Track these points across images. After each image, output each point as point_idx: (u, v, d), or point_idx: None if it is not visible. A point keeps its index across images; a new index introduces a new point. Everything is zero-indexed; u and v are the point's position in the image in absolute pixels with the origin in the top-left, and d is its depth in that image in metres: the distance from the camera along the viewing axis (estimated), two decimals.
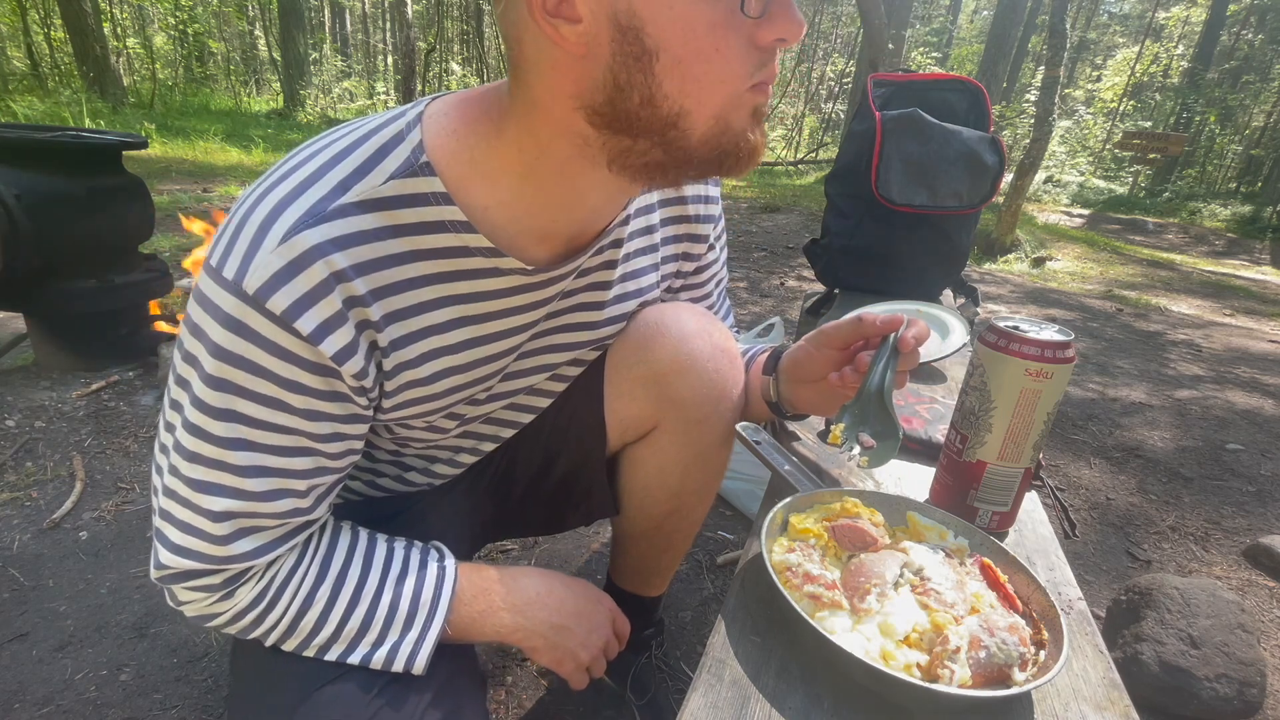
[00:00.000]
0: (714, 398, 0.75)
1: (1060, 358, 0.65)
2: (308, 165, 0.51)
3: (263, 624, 0.57)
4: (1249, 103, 16.56)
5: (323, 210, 0.49)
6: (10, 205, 1.69)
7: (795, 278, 4.15)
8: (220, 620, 0.58)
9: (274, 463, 0.53)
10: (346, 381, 0.53)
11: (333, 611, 0.58)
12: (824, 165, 9.94)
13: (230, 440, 0.51)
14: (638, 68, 0.46)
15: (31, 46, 10.28)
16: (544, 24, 0.46)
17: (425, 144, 0.53)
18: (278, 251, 0.47)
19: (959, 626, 0.52)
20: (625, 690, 1.03)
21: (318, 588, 0.58)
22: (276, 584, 0.57)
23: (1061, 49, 5.31)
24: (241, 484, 0.52)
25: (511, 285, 0.60)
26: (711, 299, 0.88)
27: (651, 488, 0.82)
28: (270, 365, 0.50)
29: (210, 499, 0.52)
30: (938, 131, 1.53)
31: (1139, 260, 6.79)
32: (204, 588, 0.56)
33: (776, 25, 0.48)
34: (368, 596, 0.59)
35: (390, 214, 0.51)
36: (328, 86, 13.54)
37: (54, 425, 1.75)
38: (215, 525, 0.53)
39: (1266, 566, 1.65)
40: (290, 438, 0.53)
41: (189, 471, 0.52)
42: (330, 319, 0.50)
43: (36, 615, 1.18)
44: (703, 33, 0.45)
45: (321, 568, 0.59)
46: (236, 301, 0.47)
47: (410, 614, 0.59)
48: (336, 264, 0.49)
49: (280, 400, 0.51)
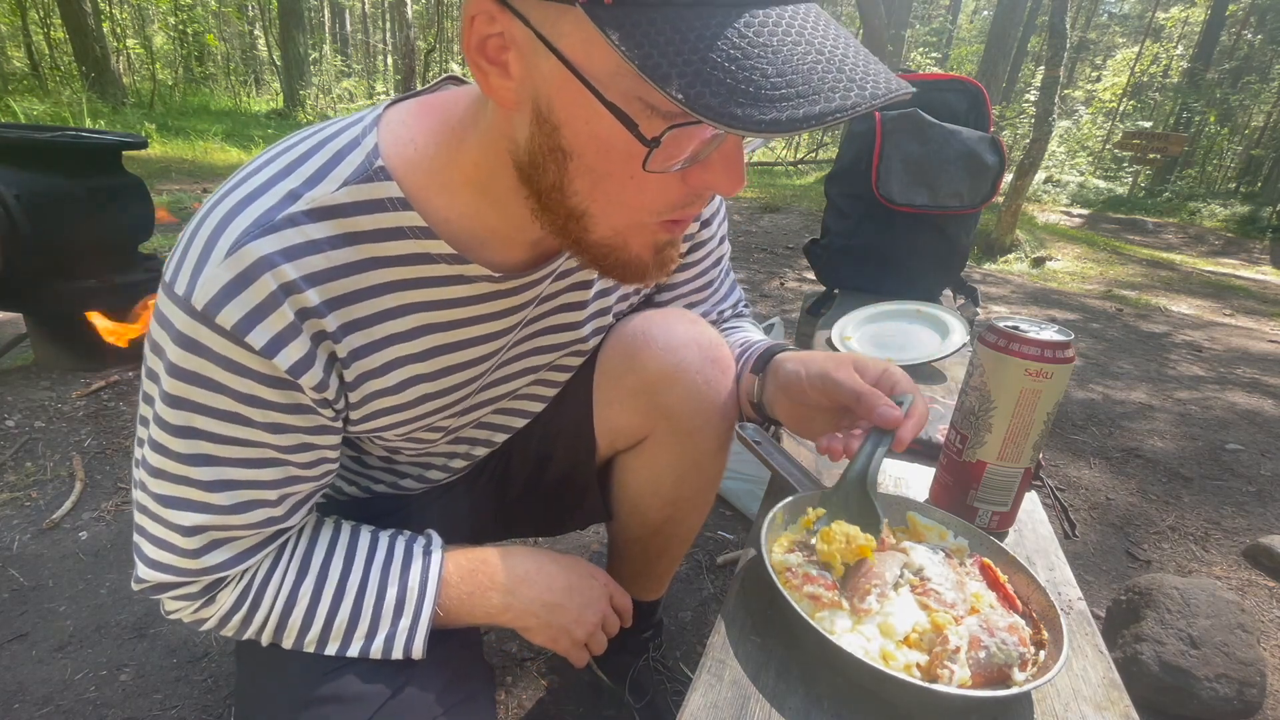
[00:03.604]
0: (704, 408, 0.72)
1: (1060, 358, 0.65)
2: (259, 175, 0.49)
3: (251, 624, 0.57)
4: (1249, 103, 16.56)
5: (270, 220, 0.47)
6: (10, 205, 1.69)
7: (795, 278, 4.15)
8: (210, 624, 0.58)
9: (241, 475, 0.52)
10: (307, 394, 0.52)
11: (319, 607, 0.58)
12: (824, 165, 9.94)
13: (193, 456, 0.51)
14: (552, 159, 0.44)
15: (31, 46, 10.27)
16: (475, 63, 0.43)
17: (381, 149, 0.50)
18: (225, 265, 0.46)
19: (959, 627, 0.52)
20: (624, 692, 1.03)
21: (299, 585, 0.58)
22: (256, 585, 0.57)
23: (1061, 49, 5.31)
24: (209, 498, 0.52)
25: (480, 293, 0.58)
26: (709, 276, 0.85)
27: (645, 495, 0.81)
28: (226, 381, 0.48)
29: (179, 514, 0.52)
30: (938, 131, 1.53)
31: (1139, 260, 6.79)
32: (184, 596, 0.56)
33: (712, 174, 0.44)
34: (353, 589, 0.59)
35: (344, 221, 0.49)
36: (327, 86, 13.54)
37: (54, 425, 1.75)
38: (186, 539, 0.53)
39: (1266, 566, 1.65)
40: (254, 450, 0.52)
41: (156, 488, 0.52)
42: (283, 331, 0.48)
43: (36, 615, 1.18)
44: (618, 159, 0.42)
45: (302, 565, 0.59)
46: (187, 318, 0.46)
47: (399, 601, 0.59)
48: (286, 275, 0.47)
49: (240, 414, 0.50)
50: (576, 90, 0.39)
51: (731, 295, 0.91)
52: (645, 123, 0.39)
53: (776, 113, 0.34)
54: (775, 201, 6.80)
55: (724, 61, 0.34)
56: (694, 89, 0.34)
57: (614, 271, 0.51)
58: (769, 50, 0.35)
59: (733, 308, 0.92)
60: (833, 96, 0.35)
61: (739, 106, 0.34)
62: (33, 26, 10.31)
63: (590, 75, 0.38)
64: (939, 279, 1.70)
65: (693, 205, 0.47)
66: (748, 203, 6.78)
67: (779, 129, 0.33)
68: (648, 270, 0.51)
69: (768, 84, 0.34)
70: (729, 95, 0.34)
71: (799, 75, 0.35)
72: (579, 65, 0.38)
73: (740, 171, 0.44)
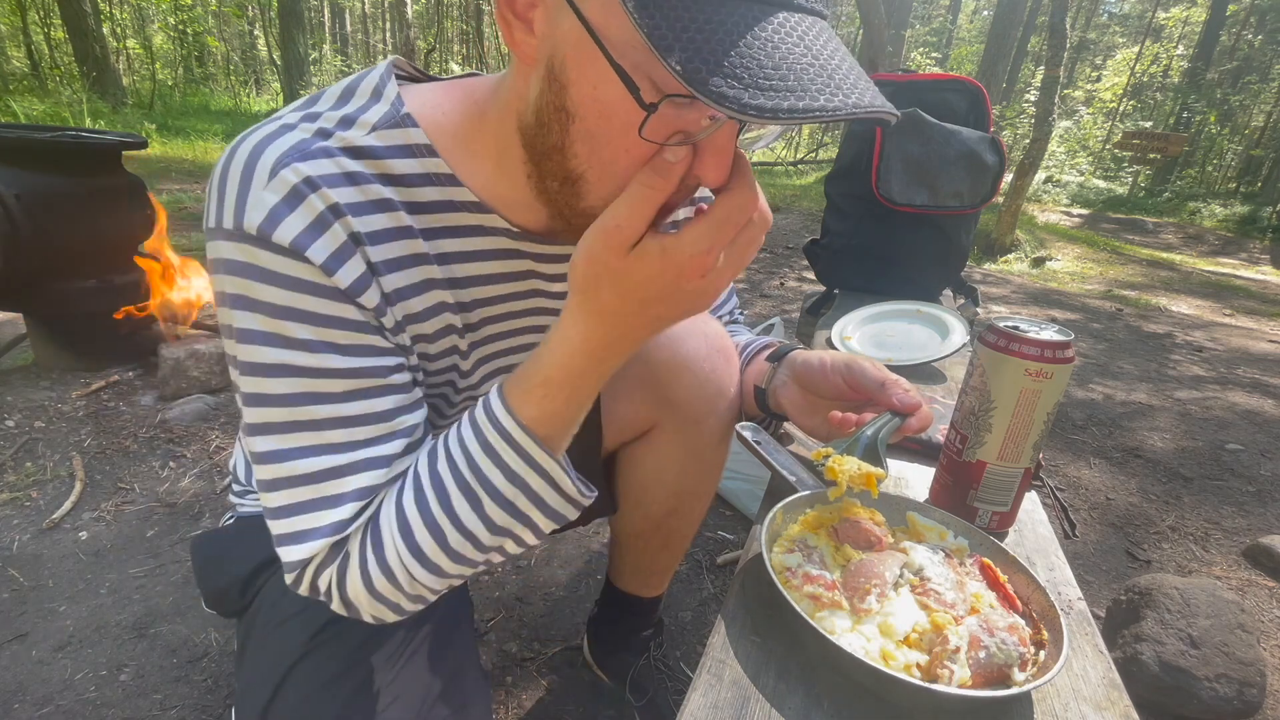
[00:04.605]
0: (710, 397, 0.74)
1: (1060, 358, 0.65)
2: (282, 117, 0.50)
3: (387, 564, 0.50)
4: (1249, 103, 16.55)
5: (306, 148, 0.47)
6: (10, 205, 1.69)
7: (795, 278, 4.15)
8: (357, 589, 0.50)
9: (346, 410, 0.49)
10: (367, 315, 0.50)
11: (440, 515, 0.50)
12: (824, 165, 9.94)
13: (294, 396, 0.48)
14: (557, 118, 0.46)
15: (31, 46, 10.27)
16: (503, 15, 0.45)
17: (406, 102, 0.52)
18: (270, 187, 0.46)
19: (959, 626, 0.52)
20: (625, 691, 1.03)
21: (413, 501, 0.51)
22: (371, 522, 0.51)
23: (1061, 49, 5.31)
24: (322, 437, 0.49)
25: (497, 247, 0.58)
26: None
27: (650, 487, 0.82)
28: (299, 304, 0.47)
29: (296, 464, 0.49)
30: (938, 131, 1.53)
31: (1139, 260, 6.79)
32: (323, 565, 0.51)
33: (700, 163, 0.44)
34: (461, 489, 0.50)
35: (375, 163, 0.50)
36: (327, 86, 13.52)
37: (54, 425, 1.75)
38: (310, 489, 0.49)
39: (1266, 566, 1.65)
40: (353, 380, 0.49)
41: (265, 445, 0.49)
42: (339, 250, 0.48)
43: (36, 615, 1.18)
44: (618, 126, 0.43)
45: (414, 482, 0.52)
46: (243, 245, 0.45)
47: (528, 491, 0.51)
48: (330, 197, 0.47)
49: (328, 342, 0.48)
50: (589, 52, 0.41)
51: (729, 302, 0.93)
52: (647, 93, 0.41)
53: (763, 100, 0.36)
54: (775, 201, 6.81)
55: (725, 47, 0.37)
56: (691, 64, 0.36)
57: None
58: (769, 45, 0.37)
59: (729, 314, 0.93)
60: (817, 96, 0.37)
61: (729, 87, 0.36)
62: (33, 26, 10.32)
63: (605, 39, 0.40)
64: (939, 279, 1.70)
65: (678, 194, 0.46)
66: None
67: (761, 115, 0.35)
68: None
69: (761, 73, 0.36)
70: (722, 76, 0.36)
71: (791, 72, 0.37)
72: (597, 28, 0.40)
73: (727, 164, 0.44)
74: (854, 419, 0.65)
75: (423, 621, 0.63)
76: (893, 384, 0.65)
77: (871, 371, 0.67)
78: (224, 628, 1.18)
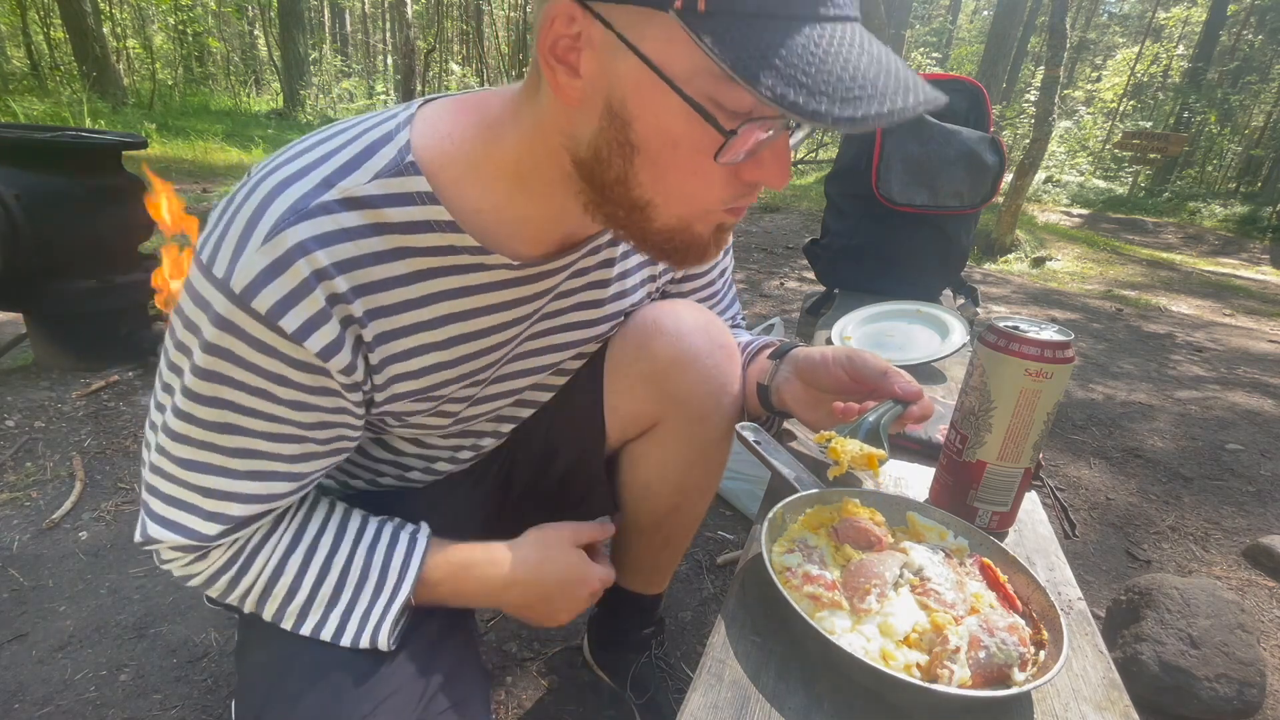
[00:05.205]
0: (714, 393, 0.75)
1: (1060, 358, 0.65)
2: (295, 161, 0.52)
3: (237, 587, 0.59)
4: (1249, 103, 16.55)
5: (305, 206, 0.50)
6: (10, 205, 1.69)
7: (795, 278, 4.15)
8: (198, 580, 0.60)
9: (261, 446, 0.55)
10: (335, 377, 0.54)
11: (304, 579, 0.60)
12: (824, 165, 9.93)
13: (219, 425, 0.54)
14: (619, 153, 0.48)
15: (31, 46, 10.26)
16: (547, 62, 0.46)
17: (413, 145, 0.53)
18: (262, 250, 0.48)
19: (959, 626, 0.52)
20: (625, 690, 1.03)
21: (289, 555, 0.60)
22: (249, 550, 0.59)
23: (1061, 49, 5.31)
24: (229, 464, 0.55)
25: (498, 280, 0.60)
26: (715, 287, 0.89)
27: (652, 484, 0.83)
28: (257, 360, 0.51)
29: (200, 477, 0.55)
30: (938, 131, 1.53)
31: (1139, 260, 6.79)
32: (182, 548, 0.58)
33: (764, 169, 0.49)
34: (338, 565, 0.61)
35: (373, 212, 0.52)
36: (327, 86, 13.52)
37: (54, 425, 1.75)
38: (205, 501, 0.56)
39: (1266, 566, 1.65)
40: (277, 424, 0.55)
41: (178, 452, 0.55)
42: (314, 316, 0.51)
43: (36, 615, 1.18)
44: (685, 153, 0.46)
45: (295, 537, 0.61)
46: (226, 301, 0.49)
47: (380, 581, 0.61)
48: (318, 261, 0.50)
49: (267, 391, 0.53)
50: (652, 88, 0.44)
51: (732, 307, 0.94)
52: (723, 119, 0.44)
53: (852, 110, 0.39)
54: (775, 201, 6.80)
55: (805, 65, 0.40)
56: (779, 89, 0.39)
57: (675, 256, 0.55)
58: (840, 58, 0.41)
59: (732, 319, 0.94)
60: (896, 99, 0.40)
61: (820, 104, 0.39)
62: (33, 26, 10.30)
63: (671, 74, 0.43)
64: (939, 279, 1.70)
65: (746, 197, 0.51)
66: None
67: (855, 124, 0.39)
68: (708, 251, 0.55)
69: (842, 86, 0.40)
70: (810, 94, 0.40)
71: (866, 80, 0.41)
72: (660, 65, 0.43)
73: (788, 166, 0.49)
74: (856, 408, 0.67)
75: (424, 618, 0.64)
76: (894, 373, 0.68)
77: (873, 361, 0.69)
78: (224, 628, 1.18)
